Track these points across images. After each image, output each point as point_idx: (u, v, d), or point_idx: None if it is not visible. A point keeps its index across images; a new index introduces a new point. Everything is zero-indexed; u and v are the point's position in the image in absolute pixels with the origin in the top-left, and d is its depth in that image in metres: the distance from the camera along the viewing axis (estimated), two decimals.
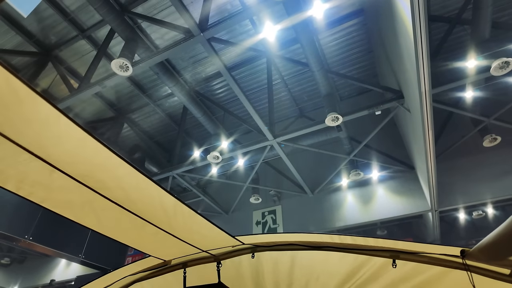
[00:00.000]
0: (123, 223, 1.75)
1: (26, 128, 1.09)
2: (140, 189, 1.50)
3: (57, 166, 1.28)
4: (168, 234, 1.86)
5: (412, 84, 4.81)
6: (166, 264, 2.33)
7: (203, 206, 9.91)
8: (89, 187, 1.42)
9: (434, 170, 5.71)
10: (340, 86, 8.80)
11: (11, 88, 0.94)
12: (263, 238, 2.20)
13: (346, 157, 7.72)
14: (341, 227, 8.04)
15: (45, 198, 1.46)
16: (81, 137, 1.15)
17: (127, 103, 9.08)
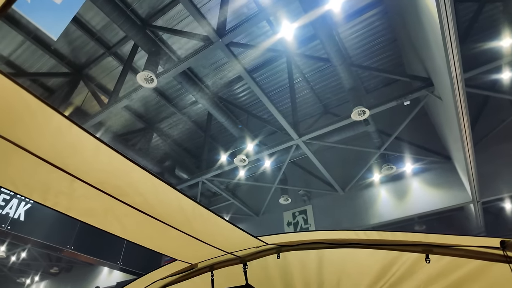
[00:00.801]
0: (146, 228, 1.77)
1: (42, 140, 1.15)
2: (158, 193, 1.51)
3: (76, 175, 1.33)
4: (191, 237, 1.86)
5: (441, 71, 4.56)
6: (193, 267, 2.34)
7: (233, 209, 10.01)
8: (108, 193, 1.46)
9: (472, 159, 5.37)
10: (365, 79, 8.55)
11: (24, 102, 1.00)
12: (287, 238, 2.16)
13: (376, 151, 7.47)
14: (376, 224, 7.78)
15: (69, 207, 1.52)
16: (94, 145, 1.20)
17: (155, 114, 9.39)
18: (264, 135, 8.48)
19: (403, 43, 7.17)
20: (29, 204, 7.06)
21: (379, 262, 1.96)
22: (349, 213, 8.14)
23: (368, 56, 7.92)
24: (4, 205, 6.69)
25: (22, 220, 6.89)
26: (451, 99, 4.57)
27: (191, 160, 10.84)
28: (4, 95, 0.98)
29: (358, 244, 1.95)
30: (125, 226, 1.74)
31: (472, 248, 1.69)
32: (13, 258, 12.12)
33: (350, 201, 8.26)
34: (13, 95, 0.98)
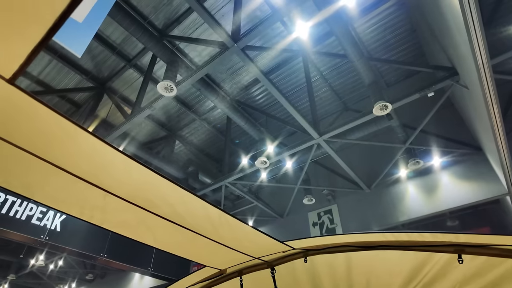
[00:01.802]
0: (176, 237, 1.85)
1: (79, 160, 1.27)
2: (186, 203, 1.58)
3: (109, 190, 1.43)
4: (218, 244, 1.92)
5: (466, 58, 4.36)
6: (222, 273, 2.40)
7: (257, 211, 10.02)
8: (140, 206, 1.55)
9: (506, 148, 5.08)
10: (385, 72, 8.33)
11: (62, 127, 1.11)
12: (314, 242, 2.15)
13: (402, 146, 7.24)
14: (405, 221, 7.52)
15: (103, 220, 1.63)
16: (125, 162, 1.29)
17: (176, 121, 9.60)
18: (284, 136, 8.45)
19: (423, 33, 6.92)
20: (63, 215, 7.44)
21: (409, 262, 1.92)
22: (376, 211, 7.93)
23: (387, 49, 7.72)
24: (42, 217, 7.09)
25: (58, 231, 7.28)
26: (479, 87, 4.36)
27: (213, 164, 10.98)
28: (44, 122, 1.08)
29: (386, 246, 1.91)
30: (157, 236, 1.83)
31: (506, 247, 1.61)
32: (51, 266, 12.75)
33: (377, 199, 8.04)
34: (52, 121, 1.09)
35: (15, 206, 6.71)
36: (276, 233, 9.20)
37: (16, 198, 6.77)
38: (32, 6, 0.84)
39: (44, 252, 11.50)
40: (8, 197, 6.64)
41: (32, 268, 12.50)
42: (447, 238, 1.73)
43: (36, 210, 7.02)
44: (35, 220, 6.96)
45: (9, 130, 1.11)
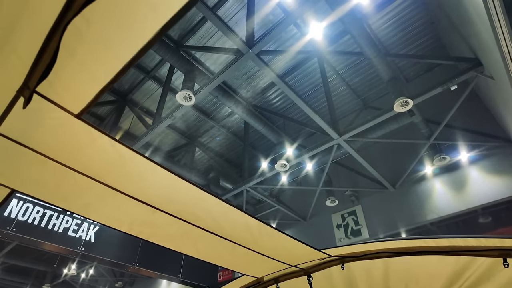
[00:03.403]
0: (216, 248, 1.96)
1: (130, 180, 1.40)
2: (227, 216, 1.69)
3: (158, 207, 1.56)
4: (256, 253, 2.00)
5: (490, 47, 4.19)
6: (259, 281, 2.46)
7: (280, 215, 9.98)
8: (185, 220, 1.67)
9: None
10: (404, 67, 8.13)
11: (118, 153, 1.27)
12: (351, 249, 2.16)
13: (426, 142, 7.02)
14: (434, 219, 7.26)
15: (151, 234, 1.77)
16: (173, 180, 1.41)
17: (196, 129, 9.77)
18: (303, 137, 8.40)
19: (442, 24, 6.72)
20: (97, 226, 7.76)
21: (450, 266, 1.89)
22: (402, 210, 7.69)
23: (404, 44, 7.54)
24: (77, 229, 7.44)
25: (92, 242, 7.60)
26: (506, 77, 4.17)
27: (233, 170, 11.06)
28: (103, 149, 1.24)
29: (428, 251, 1.90)
30: (198, 247, 1.96)
31: None
32: (83, 275, 13.21)
33: (403, 198, 7.81)
34: (110, 149, 1.25)
35: (52, 219, 7.08)
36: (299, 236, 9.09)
37: (53, 212, 7.13)
38: (104, 50, 0.92)
39: (76, 261, 11.95)
40: (46, 211, 7.00)
41: (65, 277, 13.00)
42: (492, 242, 1.69)
43: (71, 222, 7.37)
44: (71, 232, 7.31)
45: (72, 158, 1.26)
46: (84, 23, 0.83)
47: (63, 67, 0.93)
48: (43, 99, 1.01)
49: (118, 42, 0.90)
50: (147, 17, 0.85)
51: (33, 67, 0.89)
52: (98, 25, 0.84)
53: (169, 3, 0.82)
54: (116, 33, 0.88)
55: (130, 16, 0.84)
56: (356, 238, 8.23)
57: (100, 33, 0.87)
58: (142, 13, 0.84)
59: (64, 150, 1.22)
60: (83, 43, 0.89)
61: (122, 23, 0.86)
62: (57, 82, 0.96)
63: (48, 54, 0.86)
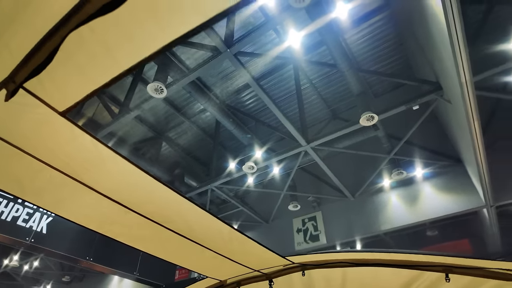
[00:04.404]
0: (186, 251, 1.99)
1: (107, 180, 1.40)
2: (200, 220, 1.72)
3: (131, 207, 1.56)
4: (223, 257, 2.05)
5: (450, 74, 4.54)
6: (222, 284, 2.51)
7: (243, 216, 10.01)
8: (157, 222, 1.67)
9: (484, 163, 5.29)
10: (373, 83, 8.53)
11: (98, 152, 1.26)
12: (313, 257, 2.29)
13: (386, 156, 7.41)
14: (387, 230, 7.67)
15: (120, 234, 1.76)
16: (151, 183, 1.42)
17: (165, 123, 9.52)
18: (273, 141, 8.51)
19: (410, 46, 7.15)
20: (50, 217, 7.24)
21: (401, 279, 2.06)
22: (359, 219, 8.05)
23: (375, 61, 7.92)
24: (28, 219, 6.88)
25: (44, 233, 7.08)
26: (461, 103, 4.53)
27: (200, 168, 10.92)
28: (85, 148, 1.23)
29: (381, 264, 2.06)
30: (168, 249, 1.98)
31: (490, 270, 1.78)
32: (26, 267, 12.29)
33: (361, 207, 8.18)
34: (91, 148, 1.23)
35: (0, 206, 6.49)
36: (261, 238, 9.20)
37: (2, 199, 6.54)
38: (103, 55, 0.92)
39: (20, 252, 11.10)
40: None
41: (5, 268, 12.02)
42: (437, 259, 1.89)
43: (22, 211, 6.82)
44: (21, 222, 6.75)
45: (50, 154, 1.26)
46: (88, 30, 0.82)
47: (57, 67, 0.92)
48: (29, 95, 1.01)
49: (120, 51, 0.91)
50: (154, 34, 0.87)
51: (22, 63, 0.88)
52: (102, 34, 0.84)
53: (178, 26, 0.84)
54: (119, 42, 0.89)
55: (137, 30, 0.85)
56: (314, 243, 8.48)
57: (102, 40, 0.86)
58: (150, 30, 0.86)
59: (43, 146, 1.21)
60: (83, 47, 0.88)
61: (127, 35, 0.87)
62: (47, 80, 0.96)
63: (42, 53, 0.84)
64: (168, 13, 0.80)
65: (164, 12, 0.79)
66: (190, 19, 0.81)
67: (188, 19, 0.81)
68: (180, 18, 0.81)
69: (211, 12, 0.79)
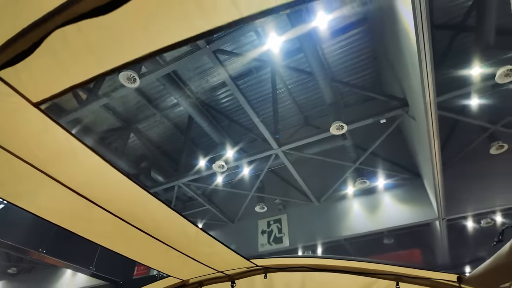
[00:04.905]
0: (151, 250, 1.98)
1: (76, 174, 1.37)
2: (167, 219, 1.71)
3: (98, 203, 1.52)
4: (188, 257, 2.07)
5: (416, 93, 4.82)
6: (184, 283, 2.52)
7: (208, 215, 9.92)
8: (124, 219, 1.65)
9: (440, 178, 5.67)
10: (345, 94, 8.83)
11: (70, 146, 1.22)
12: (275, 261, 2.37)
13: (352, 165, 7.70)
14: (347, 236, 7.97)
15: (84, 230, 1.72)
16: (122, 180, 1.40)
17: (134, 114, 9.20)
18: (245, 142, 8.52)
19: (383, 63, 7.50)
20: (1, 205, 6.71)
21: (356, 285, 2.21)
22: (322, 224, 8.29)
23: (349, 72, 8.21)
24: None
25: None
26: (424, 120, 4.83)
27: (168, 163, 10.67)
28: (56, 141, 1.19)
29: (340, 270, 2.21)
30: (133, 247, 1.97)
31: (436, 280, 1.99)
32: None
33: (324, 212, 8.43)
34: (63, 141, 1.19)
35: None
36: (225, 238, 9.18)
37: None
38: (87, 53, 0.90)
39: None
40: None
41: None
42: (389, 268, 2.10)
43: None
44: None
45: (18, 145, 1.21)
46: (74, 29, 0.78)
47: (37, 60, 0.87)
48: (3, 83, 0.97)
49: (105, 51, 0.89)
50: (143, 41, 0.86)
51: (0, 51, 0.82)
52: (89, 34, 0.81)
53: (167, 37, 0.83)
54: (105, 45, 0.87)
55: (125, 35, 0.83)
56: (277, 245, 8.61)
57: (88, 41, 0.83)
58: (139, 37, 0.85)
59: (12, 135, 1.16)
60: (68, 44, 0.84)
61: (115, 38, 0.84)
62: (25, 71, 0.92)
63: (23, 44, 0.79)
64: (159, 24, 0.79)
65: (155, 21, 0.78)
66: (179, 32, 0.81)
67: (178, 32, 0.81)
68: (171, 30, 0.81)
69: (201, 28, 0.79)
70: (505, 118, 6.56)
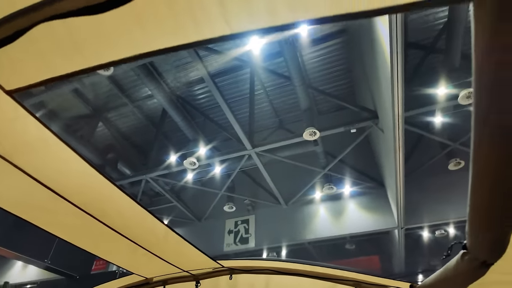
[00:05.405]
0: (117, 247, 1.93)
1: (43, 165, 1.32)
2: (135, 216, 1.67)
3: (65, 196, 1.46)
4: (155, 255, 2.04)
5: (386, 106, 5.05)
6: (148, 281, 2.48)
7: (175, 212, 9.73)
8: (91, 214, 1.59)
9: (402, 189, 5.97)
10: (319, 101, 9.05)
11: (41, 136, 1.17)
12: (242, 263, 2.40)
13: (321, 171, 7.90)
14: (312, 239, 8.17)
15: (47, 223, 1.64)
16: (92, 174, 1.36)
17: (105, 102, 8.83)
18: (218, 141, 8.45)
19: (358, 75, 7.78)
20: None
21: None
22: (289, 227, 8.43)
23: (325, 81, 8.43)
24: None
25: None
26: (391, 133, 5.07)
27: (137, 155, 10.35)
28: (26, 130, 1.14)
29: (303, 274, 2.30)
30: (98, 243, 1.92)
31: (390, 287, 2.13)
32: None
33: (291, 215, 8.57)
34: (33, 131, 1.13)
35: None
36: (191, 236, 9.05)
37: None
38: (71, 48, 0.86)
39: None
40: None
41: None
42: (349, 274, 2.21)
43: None
44: None
45: None
46: (61, 24, 0.74)
47: (18, 47, 0.82)
48: None
49: (91, 47, 0.85)
50: (133, 44, 0.83)
51: None
52: (76, 29, 0.77)
53: (158, 42, 0.81)
54: (92, 43, 0.83)
55: (115, 36, 0.80)
56: (243, 246, 8.63)
57: (74, 34, 0.79)
58: (129, 40, 0.81)
59: None
60: (53, 37, 0.79)
61: (104, 37, 0.81)
62: (3, 57, 0.87)
63: (5, 30, 0.74)
64: (150, 29, 0.77)
65: (146, 27, 0.76)
66: (171, 40, 0.80)
67: (169, 39, 0.80)
68: (161, 36, 0.79)
69: (192, 38, 0.78)
70: (464, 136, 7.04)
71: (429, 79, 7.33)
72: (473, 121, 0.62)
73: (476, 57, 0.52)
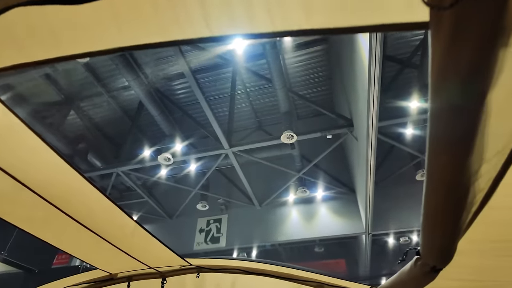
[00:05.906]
0: (81, 240, 1.88)
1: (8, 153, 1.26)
2: (103, 210, 1.63)
3: (29, 185, 1.39)
4: (121, 251, 1.99)
5: (362, 115, 5.22)
6: (112, 277, 2.43)
7: (146, 208, 9.51)
8: (56, 205, 1.53)
9: (371, 196, 6.19)
10: (298, 106, 9.19)
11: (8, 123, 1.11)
12: (209, 262, 2.41)
13: (296, 174, 8.02)
14: (283, 241, 8.27)
15: (8, 213, 1.56)
16: (59, 164, 1.30)
17: (79, 90, 8.49)
18: (195, 138, 8.37)
19: (336, 83, 7.98)
20: None
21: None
22: (261, 228, 8.48)
23: (306, 86, 8.57)
24: None
25: None
26: (365, 141, 5.25)
27: (109, 147, 10.02)
28: None
29: (269, 274, 2.35)
30: (61, 236, 1.85)
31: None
32: None
33: (264, 216, 8.63)
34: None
35: None
36: (161, 233, 8.88)
37: None
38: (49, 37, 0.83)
39: None
40: None
41: None
42: (314, 275, 2.28)
43: None
44: None
45: None
46: (38, 11, 0.71)
47: None
48: None
49: (67, 36, 0.81)
50: (110, 36, 0.82)
51: None
52: (52, 16, 0.73)
53: (139, 37, 0.81)
54: (69, 33, 0.80)
55: (94, 27, 0.77)
56: (214, 245, 8.58)
57: (50, 22, 0.75)
58: (108, 32, 0.79)
59: None
60: (28, 22, 0.75)
61: (82, 27, 0.77)
62: None
63: None
64: (131, 24, 0.76)
65: (127, 21, 0.75)
66: (151, 36, 0.79)
67: (150, 35, 0.79)
68: (143, 31, 0.78)
69: (174, 36, 0.78)
70: None
71: (403, 92, 7.63)
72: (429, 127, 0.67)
73: (432, 75, 0.56)
